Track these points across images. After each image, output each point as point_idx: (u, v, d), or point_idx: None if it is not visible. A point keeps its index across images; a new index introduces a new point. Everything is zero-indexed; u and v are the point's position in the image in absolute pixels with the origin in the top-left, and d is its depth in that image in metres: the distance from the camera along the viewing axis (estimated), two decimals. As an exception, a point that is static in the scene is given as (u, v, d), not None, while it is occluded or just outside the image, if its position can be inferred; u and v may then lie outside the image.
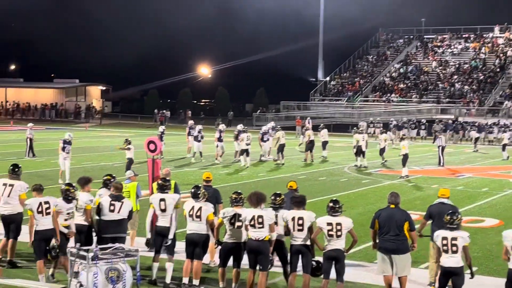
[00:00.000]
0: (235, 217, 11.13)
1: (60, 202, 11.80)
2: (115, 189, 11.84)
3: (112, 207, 11.57)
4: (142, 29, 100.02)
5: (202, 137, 32.76)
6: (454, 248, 9.95)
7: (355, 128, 36.37)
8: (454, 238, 9.98)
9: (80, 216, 11.92)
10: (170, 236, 11.66)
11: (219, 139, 32.35)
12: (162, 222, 11.81)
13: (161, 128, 34.54)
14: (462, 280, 10.01)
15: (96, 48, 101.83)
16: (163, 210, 11.78)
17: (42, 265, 11.40)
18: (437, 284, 10.39)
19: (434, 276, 11.33)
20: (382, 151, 32.40)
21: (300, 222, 10.89)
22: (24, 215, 12.76)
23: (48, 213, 11.44)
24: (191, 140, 33.63)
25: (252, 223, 10.81)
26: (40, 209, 11.43)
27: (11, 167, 13.33)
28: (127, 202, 11.82)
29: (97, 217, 11.85)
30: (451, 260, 9.97)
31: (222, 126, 33.79)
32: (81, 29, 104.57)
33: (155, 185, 14.07)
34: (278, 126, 35.62)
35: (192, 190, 11.65)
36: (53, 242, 11.34)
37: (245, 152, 30.58)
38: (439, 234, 10.14)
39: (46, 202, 11.52)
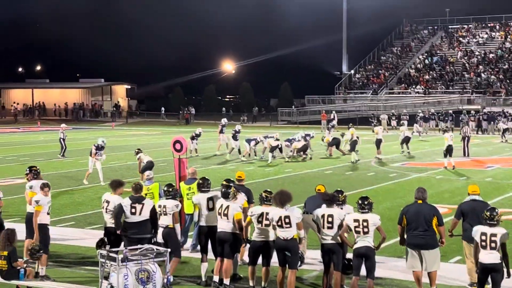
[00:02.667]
0: (262, 216, 11.13)
1: (42, 198, 12.00)
2: (134, 190, 11.75)
3: (133, 210, 11.52)
4: (166, 27, 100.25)
5: (237, 132, 32.74)
6: (493, 245, 9.80)
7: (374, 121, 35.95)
8: (494, 234, 9.83)
9: (110, 219, 11.98)
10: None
11: (235, 138, 32.35)
12: (205, 222, 11.86)
13: (198, 130, 34.34)
14: (501, 277, 9.87)
15: (120, 47, 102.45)
16: (211, 209, 11.83)
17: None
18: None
19: (473, 274, 11.13)
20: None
21: (330, 219, 10.86)
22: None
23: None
24: (222, 138, 33.79)
25: (279, 223, 10.82)
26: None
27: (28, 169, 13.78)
28: (148, 202, 11.73)
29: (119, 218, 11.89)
30: (490, 256, 9.82)
31: (238, 127, 33.66)
32: (105, 29, 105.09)
33: (182, 184, 14.17)
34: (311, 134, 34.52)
35: (223, 190, 11.66)
36: (34, 242, 11.61)
37: (276, 148, 30.65)
38: (478, 229, 9.98)
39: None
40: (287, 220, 10.75)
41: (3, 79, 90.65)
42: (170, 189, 12.11)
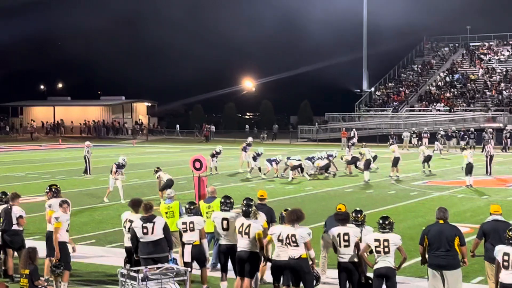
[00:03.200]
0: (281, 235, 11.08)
1: (61, 215, 12.03)
2: (145, 210, 11.68)
3: (145, 230, 11.47)
4: (186, 45, 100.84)
5: (258, 155, 32.79)
6: (517, 265, 9.70)
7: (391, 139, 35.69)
8: (516, 254, 9.74)
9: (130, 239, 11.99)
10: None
11: (254, 159, 32.43)
12: (225, 240, 11.87)
13: (219, 148, 34.38)
14: None
15: (141, 64, 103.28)
16: (226, 229, 11.83)
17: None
18: None
19: None
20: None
21: (346, 237, 10.82)
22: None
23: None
24: (244, 155, 33.73)
25: (287, 241, 10.78)
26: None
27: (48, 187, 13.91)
28: (159, 220, 11.62)
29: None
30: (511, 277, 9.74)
31: (260, 150, 33.62)
32: (126, 47, 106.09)
33: (201, 202, 14.17)
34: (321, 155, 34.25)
35: (244, 208, 11.64)
36: (54, 259, 11.61)
37: (298, 167, 30.59)
38: (500, 249, 9.87)
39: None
40: (293, 239, 10.70)
41: (25, 97, 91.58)
42: (192, 207, 12.16)
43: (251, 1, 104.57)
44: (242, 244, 11.42)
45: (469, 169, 27.44)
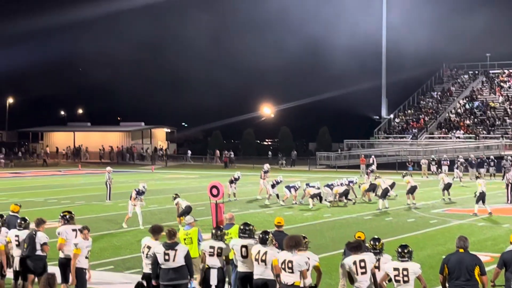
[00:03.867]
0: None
1: (80, 241, 12.04)
2: (168, 236, 11.74)
3: (166, 256, 11.52)
4: (205, 72, 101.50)
5: (278, 183, 32.81)
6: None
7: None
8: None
9: (149, 264, 11.99)
10: None
11: (273, 186, 32.42)
12: (244, 268, 11.85)
13: (237, 174, 34.38)
14: None
15: (160, 91, 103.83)
16: (245, 257, 11.80)
17: None
18: None
19: None
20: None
21: (362, 264, 10.73)
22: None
23: None
24: (263, 182, 33.61)
25: (283, 266, 10.73)
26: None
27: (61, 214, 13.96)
28: (181, 248, 11.70)
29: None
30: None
31: (280, 178, 33.67)
32: (145, 73, 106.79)
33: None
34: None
35: (260, 236, 11.61)
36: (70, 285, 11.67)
37: (317, 196, 30.44)
38: None
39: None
40: (289, 265, 10.65)
41: (45, 122, 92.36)
42: (219, 232, 12.25)
43: (270, 28, 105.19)
44: (259, 272, 11.38)
45: (480, 198, 27.16)
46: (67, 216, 13.81)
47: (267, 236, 11.53)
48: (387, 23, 77.06)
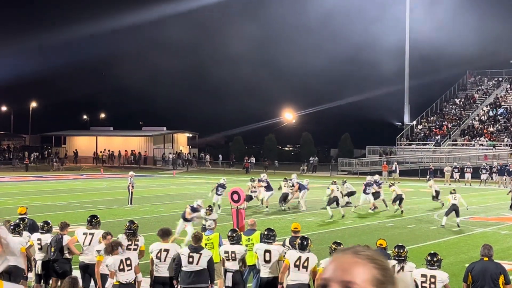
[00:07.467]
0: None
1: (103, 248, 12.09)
2: (194, 240, 11.83)
3: (190, 259, 11.61)
4: (226, 77, 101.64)
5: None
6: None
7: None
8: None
9: (163, 268, 12.02)
10: None
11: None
12: (267, 273, 11.87)
13: (263, 176, 33.87)
14: None
15: (183, 96, 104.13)
16: (267, 262, 11.76)
17: None
18: None
19: None
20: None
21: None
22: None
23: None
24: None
25: (297, 263, 10.83)
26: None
27: (88, 219, 13.76)
28: (205, 252, 11.80)
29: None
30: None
31: (306, 181, 33.49)
32: (168, 79, 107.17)
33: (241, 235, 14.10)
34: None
35: (299, 241, 11.57)
36: None
37: (334, 201, 30.18)
38: None
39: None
40: (305, 264, 10.87)
41: (68, 127, 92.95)
42: (234, 235, 12.25)
43: (292, 35, 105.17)
44: (296, 277, 11.28)
45: None
46: (94, 222, 13.73)
47: (306, 242, 11.49)
48: (410, 28, 76.70)
